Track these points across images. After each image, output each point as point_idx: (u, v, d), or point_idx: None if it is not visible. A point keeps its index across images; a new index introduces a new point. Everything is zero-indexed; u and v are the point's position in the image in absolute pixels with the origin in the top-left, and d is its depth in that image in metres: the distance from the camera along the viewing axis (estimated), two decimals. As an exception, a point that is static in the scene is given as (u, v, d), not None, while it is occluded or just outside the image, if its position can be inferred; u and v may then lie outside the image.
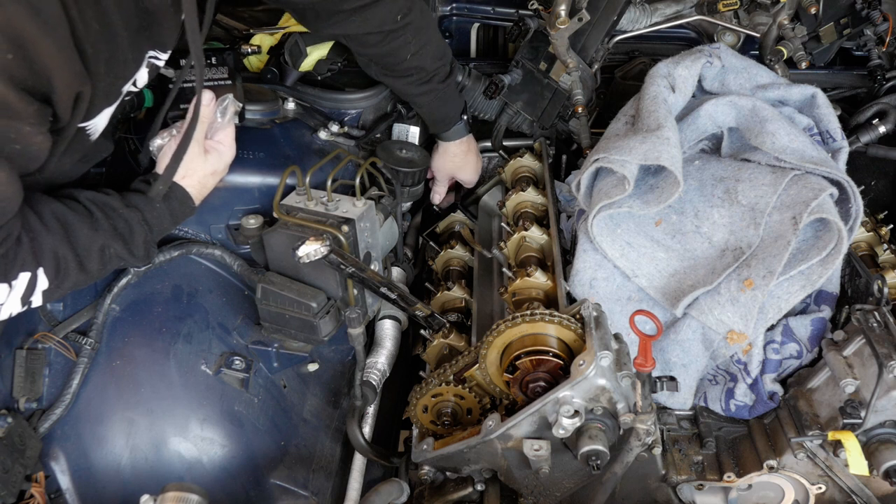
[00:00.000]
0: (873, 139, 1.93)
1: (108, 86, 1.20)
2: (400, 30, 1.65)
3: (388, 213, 1.76)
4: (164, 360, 1.55)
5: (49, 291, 1.25)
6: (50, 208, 1.25)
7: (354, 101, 1.95)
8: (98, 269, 1.31)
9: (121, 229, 1.33)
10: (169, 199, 1.41)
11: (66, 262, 1.25)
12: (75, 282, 1.28)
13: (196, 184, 1.45)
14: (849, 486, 1.43)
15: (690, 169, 1.64)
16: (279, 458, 1.62)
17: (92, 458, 1.48)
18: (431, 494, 1.55)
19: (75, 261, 1.26)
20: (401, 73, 1.76)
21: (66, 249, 1.24)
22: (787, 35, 2.05)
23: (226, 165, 1.51)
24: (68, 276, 1.26)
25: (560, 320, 1.35)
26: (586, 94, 2.02)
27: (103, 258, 1.31)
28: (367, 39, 1.67)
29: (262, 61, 2.06)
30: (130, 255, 1.35)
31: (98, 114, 1.23)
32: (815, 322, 1.51)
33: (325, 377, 1.80)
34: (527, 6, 2.04)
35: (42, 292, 1.23)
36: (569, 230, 1.77)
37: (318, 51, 2.11)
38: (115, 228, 1.32)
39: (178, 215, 1.44)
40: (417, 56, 1.72)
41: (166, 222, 1.42)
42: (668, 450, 1.49)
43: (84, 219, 1.28)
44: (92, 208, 1.30)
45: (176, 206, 1.42)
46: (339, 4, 1.58)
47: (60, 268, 1.24)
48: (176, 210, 1.42)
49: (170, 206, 1.41)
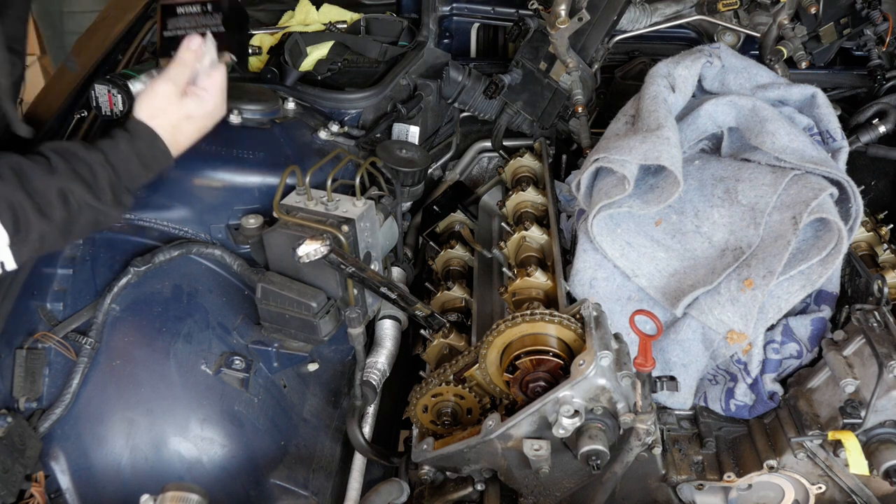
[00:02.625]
0: (873, 139, 1.93)
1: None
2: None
3: (388, 213, 1.76)
4: (164, 360, 1.55)
5: (15, 246, 1.19)
6: (5, 160, 1.21)
7: (354, 101, 1.96)
8: (63, 216, 1.24)
9: (81, 172, 1.26)
10: (134, 140, 1.33)
11: (23, 210, 1.19)
12: (41, 232, 1.22)
13: (167, 126, 1.36)
14: (849, 485, 1.43)
15: (690, 169, 1.64)
16: (279, 458, 1.62)
17: (92, 458, 1.48)
18: (431, 494, 1.55)
19: (33, 207, 1.20)
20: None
21: (20, 196, 1.19)
22: (787, 35, 2.05)
23: (207, 114, 1.41)
24: (30, 225, 1.20)
25: (560, 320, 1.35)
26: (586, 94, 2.02)
27: (66, 204, 1.25)
28: None
29: (262, 61, 2.06)
30: (97, 200, 1.27)
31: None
32: (815, 322, 1.51)
33: (325, 377, 1.80)
34: (527, 6, 2.04)
35: (8, 247, 1.18)
36: (569, 230, 1.77)
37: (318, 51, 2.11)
38: (74, 171, 1.25)
39: (146, 158, 1.34)
40: None
41: (133, 165, 1.32)
42: (668, 450, 1.49)
43: (40, 164, 1.23)
44: (49, 154, 1.25)
45: (143, 148, 1.33)
46: None
47: (19, 217, 1.19)
48: (143, 152, 1.33)
49: (135, 147, 1.32)
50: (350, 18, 2.29)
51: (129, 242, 1.66)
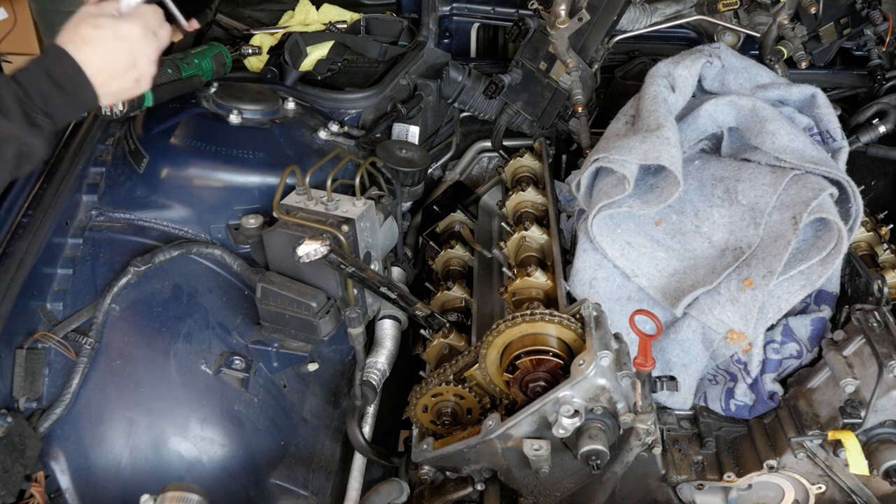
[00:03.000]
0: (873, 139, 1.93)
1: None
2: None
3: (388, 212, 1.76)
4: (164, 360, 1.55)
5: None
6: None
7: (354, 101, 1.96)
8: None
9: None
10: (43, 58, 1.25)
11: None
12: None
13: (76, 39, 1.27)
14: (849, 485, 1.43)
15: (690, 169, 1.64)
16: (279, 458, 1.62)
17: (92, 458, 1.47)
18: (431, 494, 1.55)
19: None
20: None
21: None
22: (787, 35, 2.05)
23: (122, 35, 1.30)
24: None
25: (560, 320, 1.35)
26: (586, 93, 2.03)
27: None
28: None
29: (262, 61, 2.06)
30: (6, 120, 1.20)
31: None
32: (815, 322, 1.51)
33: (325, 377, 1.80)
34: (527, 6, 2.04)
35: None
36: (569, 230, 1.77)
37: (318, 51, 2.11)
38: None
39: (56, 74, 1.25)
40: None
41: (43, 82, 1.24)
42: (668, 450, 1.49)
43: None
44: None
45: (50, 63, 1.25)
46: None
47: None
48: (51, 67, 1.25)
49: (42, 64, 1.25)
50: (350, 18, 2.29)
51: (129, 242, 1.66)
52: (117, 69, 1.31)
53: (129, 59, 1.31)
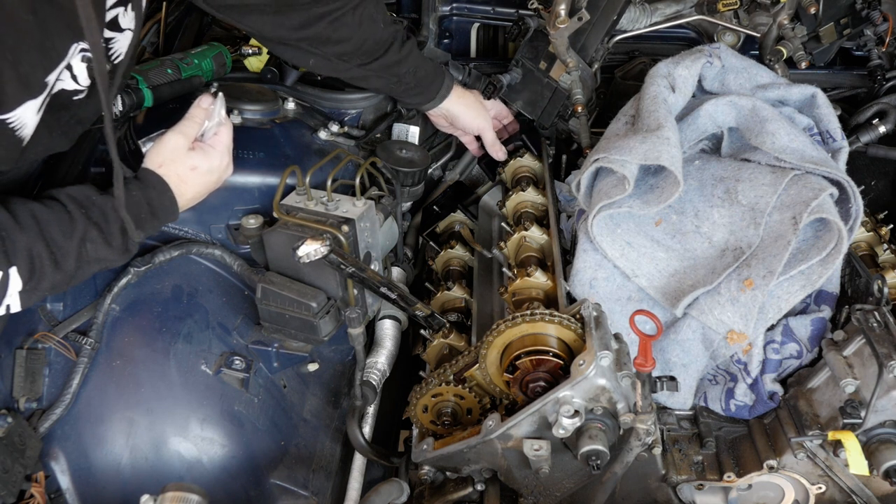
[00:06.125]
0: (873, 139, 1.93)
1: (22, 75, 1.13)
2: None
3: (388, 213, 1.76)
4: (164, 360, 1.55)
5: (25, 293, 1.22)
6: (26, 207, 1.23)
7: (354, 101, 1.96)
8: (75, 266, 1.27)
9: (95, 217, 1.29)
10: (145, 188, 1.37)
11: (40, 260, 1.22)
12: (53, 282, 1.25)
13: (174, 175, 1.40)
14: (849, 486, 1.43)
15: (690, 169, 1.64)
16: (279, 458, 1.62)
17: (92, 458, 1.48)
18: (431, 494, 1.55)
19: (50, 258, 1.23)
20: (382, 46, 1.74)
21: (40, 247, 1.22)
22: (787, 35, 2.04)
23: (212, 168, 1.46)
24: (44, 275, 1.23)
25: (560, 320, 1.35)
26: (586, 93, 2.02)
27: (80, 256, 1.27)
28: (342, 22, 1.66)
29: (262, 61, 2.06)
30: (107, 245, 1.30)
31: (18, 105, 1.16)
32: (815, 322, 1.51)
33: (325, 377, 1.80)
34: (527, 6, 2.03)
35: (18, 293, 1.21)
36: (569, 230, 1.77)
37: (318, 51, 2.10)
38: (89, 218, 1.28)
39: (155, 206, 1.38)
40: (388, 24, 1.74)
41: (143, 211, 1.36)
42: (668, 450, 1.49)
43: (58, 213, 1.26)
44: (66, 201, 1.28)
45: (153, 196, 1.37)
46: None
47: (35, 267, 1.21)
48: (153, 199, 1.37)
49: (146, 195, 1.36)
50: (350, 18, 2.29)
51: (129, 242, 1.66)
52: (206, 192, 1.50)
53: (216, 181, 1.51)
